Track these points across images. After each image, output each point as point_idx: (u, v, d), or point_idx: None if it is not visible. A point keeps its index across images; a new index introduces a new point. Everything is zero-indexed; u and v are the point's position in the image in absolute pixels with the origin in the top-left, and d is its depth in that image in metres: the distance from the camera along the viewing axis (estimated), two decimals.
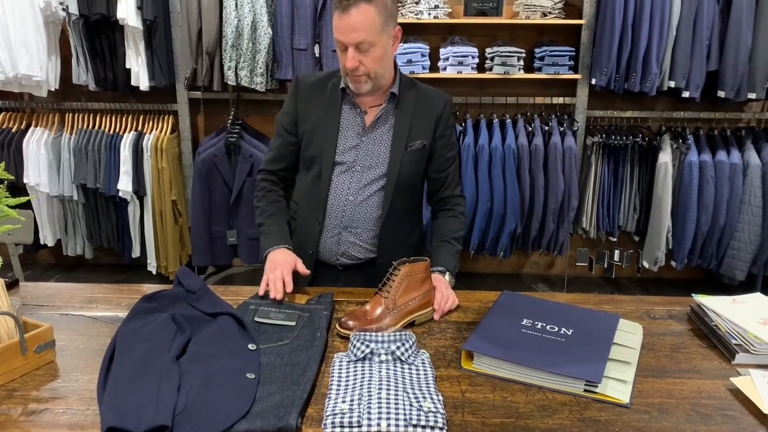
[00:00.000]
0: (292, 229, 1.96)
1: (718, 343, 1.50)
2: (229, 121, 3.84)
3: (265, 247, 1.82)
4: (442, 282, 1.74)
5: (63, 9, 3.64)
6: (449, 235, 1.92)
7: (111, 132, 3.96)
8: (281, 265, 1.70)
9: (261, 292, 1.68)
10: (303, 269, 1.74)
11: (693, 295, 1.66)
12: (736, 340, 1.45)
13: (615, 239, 3.99)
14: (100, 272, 4.39)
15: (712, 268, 3.87)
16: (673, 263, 3.88)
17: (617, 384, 1.32)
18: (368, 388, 1.25)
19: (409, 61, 3.69)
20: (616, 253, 4.03)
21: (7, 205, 1.58)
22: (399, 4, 3.72)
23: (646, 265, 3.91)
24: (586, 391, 1.30)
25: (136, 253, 4.08)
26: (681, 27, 3.50)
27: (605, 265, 4.09)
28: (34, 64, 3.69)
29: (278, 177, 1.99)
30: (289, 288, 1.65)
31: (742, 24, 3.46)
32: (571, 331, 1.48)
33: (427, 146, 1.89)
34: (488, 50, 3.73)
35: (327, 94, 1.88)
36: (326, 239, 1.91)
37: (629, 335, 1.52)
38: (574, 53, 3.71)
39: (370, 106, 1.86)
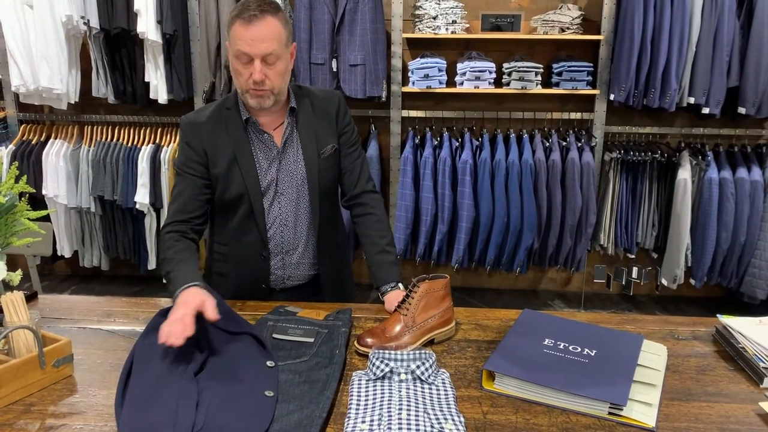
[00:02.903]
0: (226, 272, 1.88)
1: (746, 366, 1.46)
2: None
3: (173, 290, 1.55)
4: (400, 295, 1.72)
5: (84, 23, 3.69)
6: (382, 243, 1.87)
7: (129, 144, 3.99)
8: (183, 305, 1.42)
9: (161, 340, 1.34)
10: (212, 313, 1.42)
11: (718, 315, 1.63)
12: (764, 362, 1.42)
13: (633, 256, 3.95)
14: (115, 284, 4.41)
15: (732, 286, 3.81)
16: (692, 281, 3.82)
17: (642, 407, 1.29)
18: (388, 408, 1.23)
19: (426, 76, 3.69)
20: (635, 270, 3.98)
21: (28, 218, 1.59)
22: (416, 20, 3.73)
23: (664, 282, 3.86)
24: (610, 414, 1.27)
25: (152, 265, 4.09)
26: (701, 42, 3.47)
27: (623, 282, 4.04)
28: (54, 77, 3.74)
29: (190, 227, 1.77)
30: (189, 331, 1.34)
31: (763, 40, 3.43)
32: (594, 351, 1.45)
33: (337, 148, 1.87)
34: (505, 65, 3.73)
35: (229, 130, 1.79)
36: (273, 269, 1.88)
37: (653, 356, 1.48)
38: (592, 68, 3.70)
39: (273, 128, 1.81)
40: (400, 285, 1.82)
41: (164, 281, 1.67)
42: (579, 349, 1.46)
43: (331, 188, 1.91)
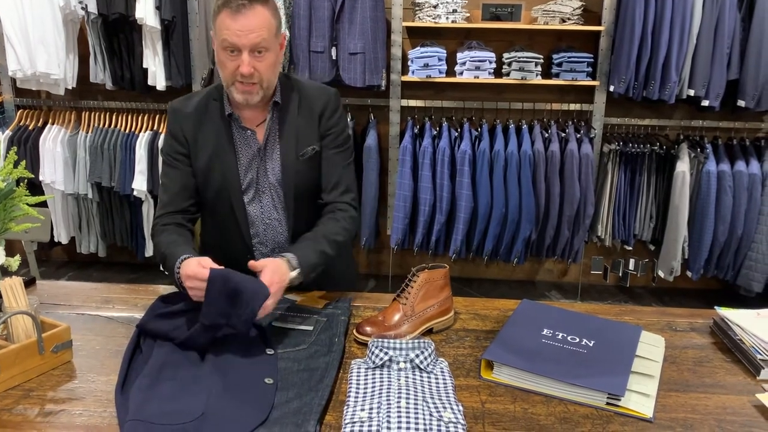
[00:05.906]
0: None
1: (743, 358, 1.47)
2: None
3: (171, 266, 1.55)
4: (279, 266, 1.52)
5: (82, 8, 3.66)
6: (320, 232, 1.71)
7: (127, 131, 3.97)
8: (194, 275, 1.44)
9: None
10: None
11: (716, 307, 1.63)
12: (761, 354, 1.42)
13: (630, 248, 3.95)
14: (113, 271, 4.41)
15: (728, 279, 3.82)
16: (688, 273, 3.83)
17: (640, 398, 1.29)
18: (387, 396, 1.23)
19: (426, 65, 3.67)
20: (631, 262, 4.00)
21: (27, 204, 1.59)
22: (417, 8, 3.71)
23: (661, 274, 3.87)
24: (608, 404, 1.27)
25: (149, 252, 4.09)
26: (701, 35, 3.46)
27: (620, 274, 4.05)
28: (52, 63, 3.71)
29: (182, 217, 1.73)
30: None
31: (764, 33, 3.42)
32: (592, 342, 1.45)
33: (318, 150, 1.77)
34: (506, 55, 3.71)
35: (214, 122, 1.72)
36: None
37: (651, 348, 1.49)
38: (592, 60, 3.69)
39: (257, 123, 1.73)
40: (292, 262, 1.58)
41: (161, 267, 1.61)
42: (577, 340, 1.46)
43: (308, 192, 1.79)
